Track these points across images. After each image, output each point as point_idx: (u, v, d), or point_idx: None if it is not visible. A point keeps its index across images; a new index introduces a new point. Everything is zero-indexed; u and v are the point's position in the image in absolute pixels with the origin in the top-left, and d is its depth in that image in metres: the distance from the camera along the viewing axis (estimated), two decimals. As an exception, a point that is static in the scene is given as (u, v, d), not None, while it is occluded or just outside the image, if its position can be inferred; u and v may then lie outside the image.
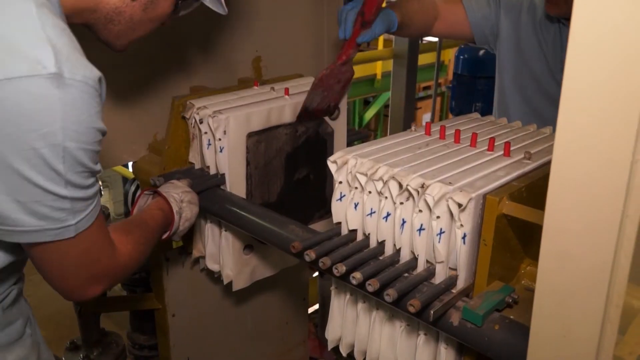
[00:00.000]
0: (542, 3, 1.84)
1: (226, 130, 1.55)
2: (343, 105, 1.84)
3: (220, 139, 1.56)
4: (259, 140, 1.65)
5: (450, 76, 6.06)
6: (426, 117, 6.36)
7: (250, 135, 1.62)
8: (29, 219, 0.90)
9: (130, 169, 1.96)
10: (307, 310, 2.47)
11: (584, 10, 0.47)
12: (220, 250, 1.69)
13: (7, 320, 1.11)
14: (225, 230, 1.66)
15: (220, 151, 1.58)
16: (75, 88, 0.86)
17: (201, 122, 1.58)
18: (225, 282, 1.71)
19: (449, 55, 6.44)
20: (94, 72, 0.91)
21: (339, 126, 1.85)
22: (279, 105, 1.68)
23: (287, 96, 1.71)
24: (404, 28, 1.75)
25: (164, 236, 1.39)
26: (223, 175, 1.60)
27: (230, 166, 1.59)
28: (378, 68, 5.82)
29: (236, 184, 1.62)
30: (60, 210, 0.92)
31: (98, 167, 0.97)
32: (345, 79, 1.69)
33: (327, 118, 1.79)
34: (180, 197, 1.42)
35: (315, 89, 1.66)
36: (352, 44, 1.62)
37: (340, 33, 1.62)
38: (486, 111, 2.30)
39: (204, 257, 1.75)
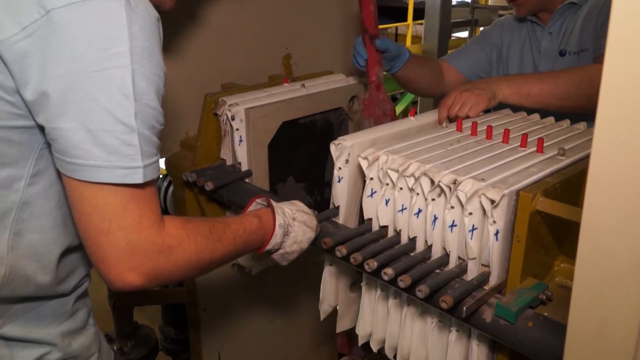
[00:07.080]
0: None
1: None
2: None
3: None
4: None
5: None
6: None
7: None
8: (98, 151, 0.89)
9: (163, 166, 1.98)
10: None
11: (624, 4, 0.46)
12: (324, 284, 1.48)
13: (75, 308, 1.14)
14: (330, 265, 1.44)
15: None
16: (139, 15, 0.91)
17: (233, 119, 1.60)
18: (322, 317, 1.51)
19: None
20: (154, 10, 0.95)
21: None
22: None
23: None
24: (409, 83, 1.92)
25: (261, 249, 1.22)
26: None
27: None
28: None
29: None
30: (128, 146, 0.90)
31: (162, 113, 0.96)
32: (390, 114, 1.75)
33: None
34: (292, 214, 1.27)
35: (363, 118, 1.70)
36: (373, 60, 1.65)
37: (359, 61, 1.69)
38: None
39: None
